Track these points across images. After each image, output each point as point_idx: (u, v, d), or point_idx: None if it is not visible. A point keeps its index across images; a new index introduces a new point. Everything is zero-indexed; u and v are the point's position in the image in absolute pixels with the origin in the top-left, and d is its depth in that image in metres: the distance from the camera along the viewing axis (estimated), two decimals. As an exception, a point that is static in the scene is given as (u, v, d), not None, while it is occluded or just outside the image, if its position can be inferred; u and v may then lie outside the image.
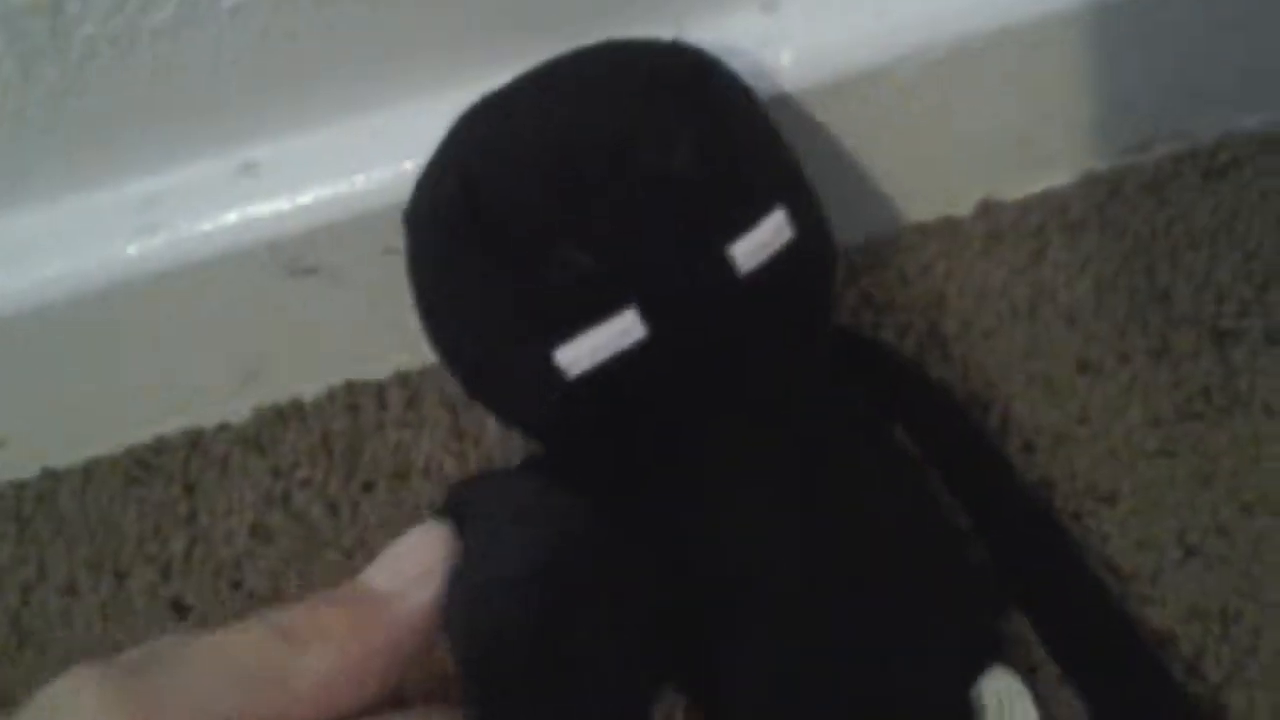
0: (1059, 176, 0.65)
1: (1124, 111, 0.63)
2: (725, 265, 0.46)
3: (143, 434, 0.69)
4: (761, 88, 0.55)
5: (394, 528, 0.63)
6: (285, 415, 0.68)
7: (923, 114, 0.60)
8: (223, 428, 0.68)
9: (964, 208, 0.65)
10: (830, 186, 0.60)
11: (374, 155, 0.57)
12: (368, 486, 0.65)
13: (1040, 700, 0.50)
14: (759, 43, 0.57)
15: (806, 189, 0.51)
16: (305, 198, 0.58)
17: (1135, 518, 0.57)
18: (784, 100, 0.57)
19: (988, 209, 0.64)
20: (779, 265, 0.47)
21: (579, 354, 0.46)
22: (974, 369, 0.61)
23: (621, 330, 0.46)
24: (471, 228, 0.47)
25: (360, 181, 0.57)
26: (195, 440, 0.68)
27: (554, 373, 0.46)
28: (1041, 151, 0.64)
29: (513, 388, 0.50)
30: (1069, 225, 0.63)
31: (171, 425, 0.68)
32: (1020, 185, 0.65)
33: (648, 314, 0.46)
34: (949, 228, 0.65)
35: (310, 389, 0.68)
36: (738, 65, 0.53)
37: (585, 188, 0.46)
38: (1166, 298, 0.61)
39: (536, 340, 0.46)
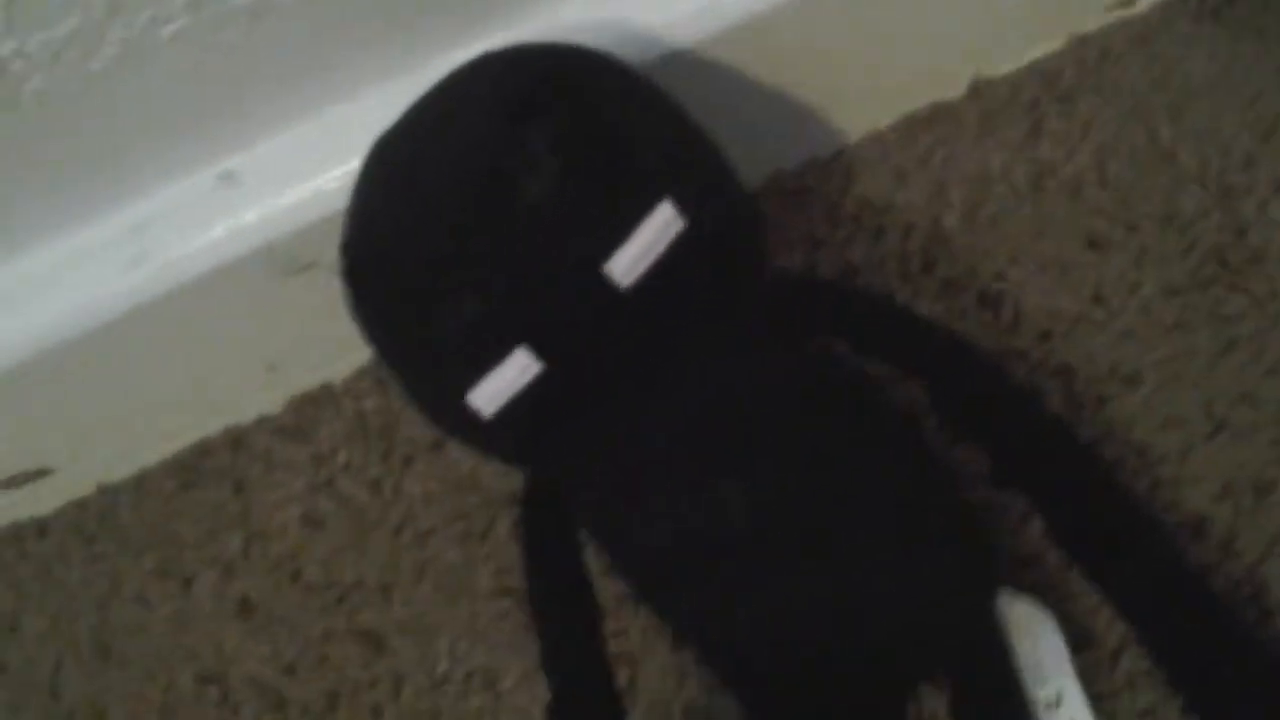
0: (1048, 44, 0.62)
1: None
2: (606, 284, 0.46)
3: (187, 439, 0.70)
4: (711, 20, 0.54)
5: (438, 501, 0.64)
6: (318, 401, 0.68)
7: (892, 8, 0.58)
8: (261, 421, 0.69)
9: (955, 90, 0.63)
10: (810, 97, 0.59)
11: (344, 147, 0.57)
12: (407, 461, 0.66)
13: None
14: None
15: (703, 167, 0.50)
16: (287, 199, 0.58)
17: (1159, 395, 0.56)
18: (737, 27, 0.55)
19: (979, 89, 0.63)
20: (678, 254, 0.47)
21: (488, 395, 0.47)
22: (982, 260, 0.60)
23: (518, 369, 0.46)
24: (359, 292, 0.49)
25: (334, 176, 0.57)
26: (237, 438, 0.69)
27: (473, 413, 0.47)
28: (1027, 20, 0.61)
29: (448, 427, 0.51)
30: (1063, 94, 0.61)
31: (212, 426, 0.70)
32: (1010, 59, 0.63)
33: (540, 348, 0.46)
34: (942, 113, 0.63)
35: (338, 370, 0.68)
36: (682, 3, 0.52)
37: (464, 228, 0.46)
38: (1170, 158, 0.59)
39: (448, 387, 0.48)
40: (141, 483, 0.70)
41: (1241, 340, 0.55)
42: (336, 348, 0.66)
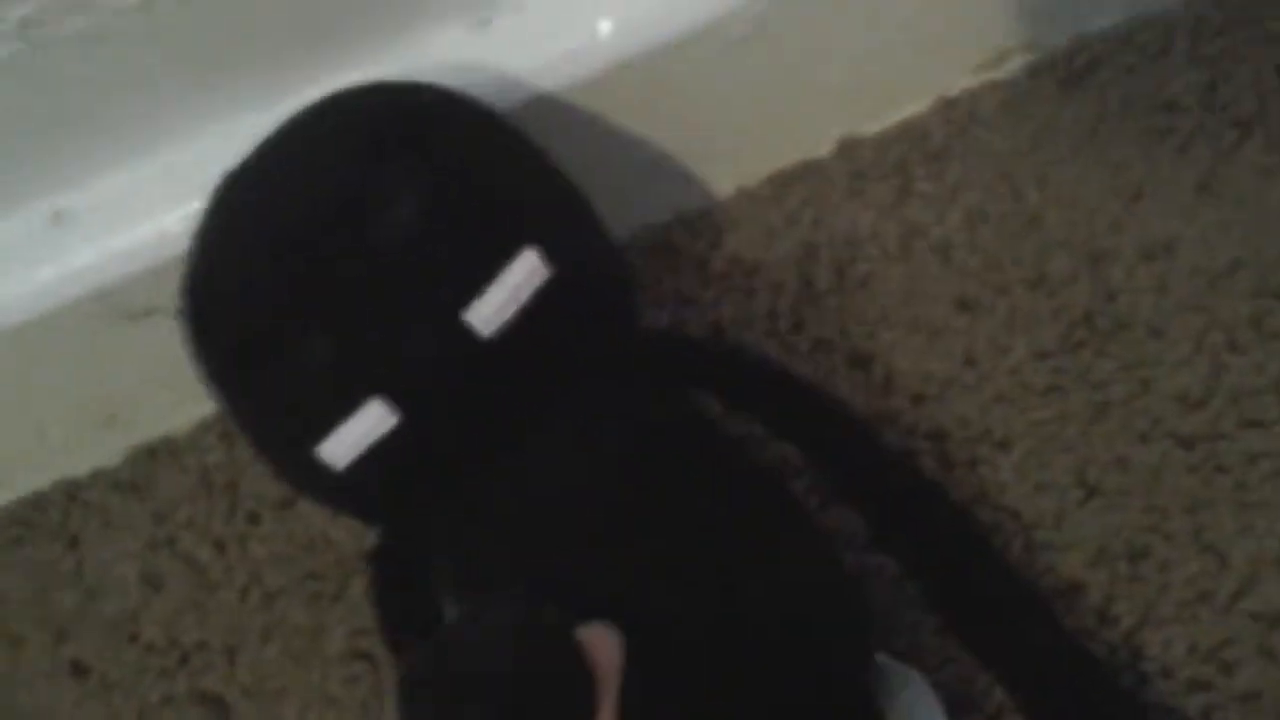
0: (916, 104, 0.62)
1: (972, 28, 0.60)
2: (464, 333, 0.44)
3: (18, 490, 0.66)
4: (581, 65, 0.53)
5: (285, 560, 0.62)
6: (158, 454, 0.66)
7: (762, 62, 0.57)
8: (97, 474, 0.66)
9: (825, 148, 0.63)
10: (679, 149, 0.58)
11: (185, 189, 0.54)
12: (253, 519, 0.63)
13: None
14: (574, 14, 0.54)
15: (569, 216, 0.49)
16: (122, 242, 0.55)
17: (1032, 460, 0.55)
18: (606, 74, 0.54)
19: (848, 147, 0.62)
20: (542, 304, 0.45)
21: (339, 448, 0.44)
22: (853, 321, 0.59)
23: (373, 421, 0.44)
24: (202, 337, 0.46)
25: (175, 218, 0.54)
26: (72, 492, 0.66)
27: (324, 466, 0.45)
28: (896, 80, 0.61)
29: (297, 481, 0.49)
30: (931, 155, 0.61)
31: (45, 479, 0.66)
32: (879, 118, 0.62)
33: (396, 398, 0.44)
34: (811, 171, 0.62)
35: (181, 423, 0.65)
36: (550, 47, 0.51)
37: (315, 270, 0.44)
38: (1038, 222, 0.59)
39: (297, 439, 0.45)
40: (-34, 538, 0.66)
41: (1113, 405, 0.55)
42: (179, 399, 0.64)
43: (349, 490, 0.47)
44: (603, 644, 0.41)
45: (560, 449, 0.47)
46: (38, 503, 0.66)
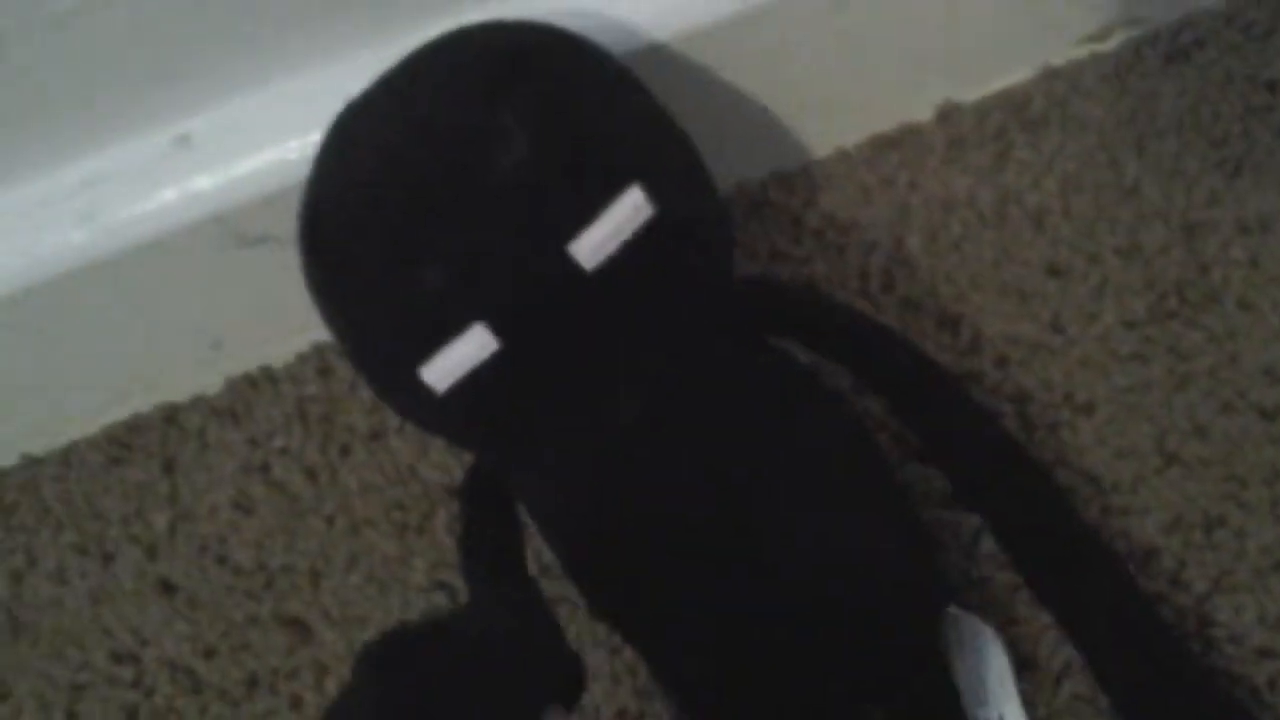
0: (1018, 73, 0.63)
1: (1081, 1, 0.60)
2: (569, 264, 0.45)
3: (119, 413, 0.68)
4: (690, 15, 0.54)
5: (374, 491, 0.63)
6: (257, 383, 0.67)
7: (864, 23, 0.58)
8: (196, 400, 0.67)
9: (923, 113, 0.63)
10: (780, 106, 0.59)
11: (306, 119, 0.55)
12: (345, 450, 0.64)
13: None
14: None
15: (675, 157, 0.49)
16: (243, 168, 0.57)
17: (1113, 426, 0.56)
18: (716, 26, 0.55)
19: (947, 113, 0.62)
20: (645, 243, 0.46)
21: (441, 371, 0.46)
22: (943, 283, 0.59)
23: (476, 346, 0.45)
24: (318, 258, 0.48)
25: (295, 147, 0.56)
26: (170, 415, 0.67)
27: (425, 389, 0.46)
28: (998, 48, 0.61)
29: (397, 403, 0.50)
30: (1031, 123, 0.61)
31: (146, 402, 0.68)
32: (979, 85, 0.63)
33: (498, 326, 0.45)
34: (910, 136, 0.63)
35: (280, 354, 0.67)
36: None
37: (429, 198, 0.45)
38: (1134, 192, 0.59)
39: (400, 361, 0.46)
40: (68, 455, 0.68)
41: (1196, 376, 0.55)
42: (281, 330, 0.65)
43: (445, 413, 0.48)
44: None
45: (649, 384, 0.48)
46: (137, 425, 0.68)
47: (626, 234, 0.45)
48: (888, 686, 0.50)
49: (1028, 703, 0.51)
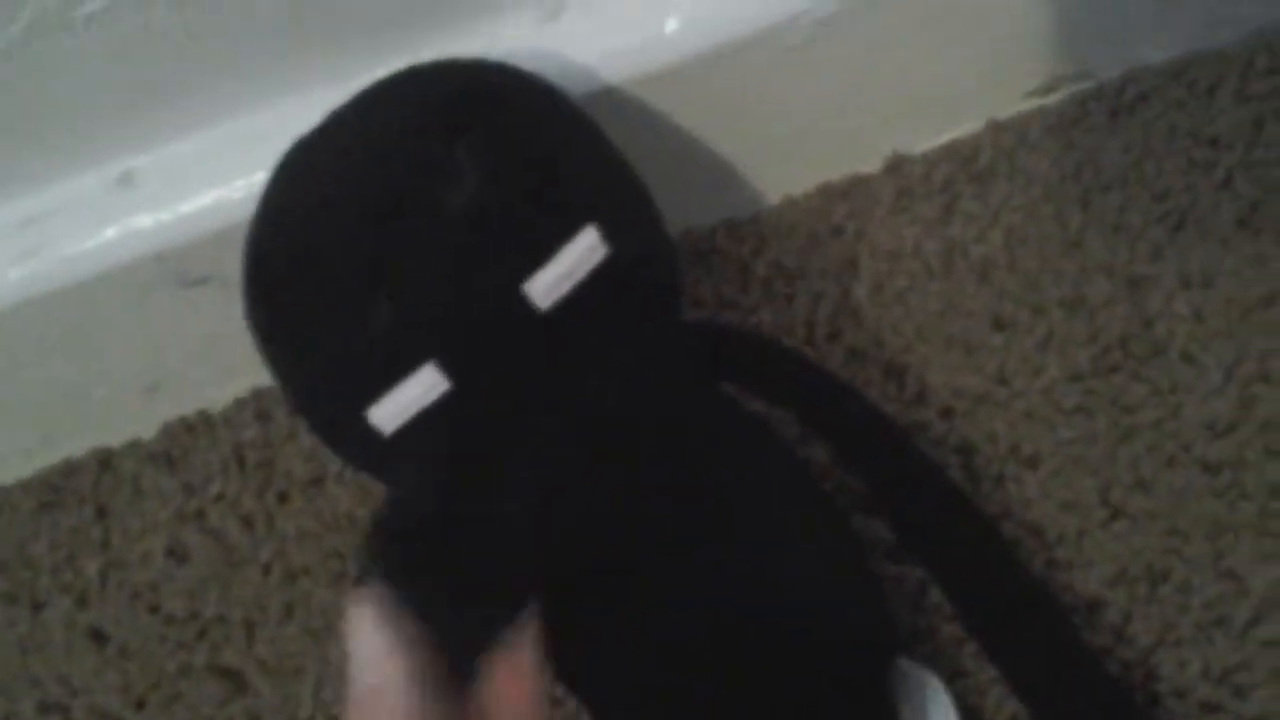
0: (966, 125, 0.63)
1: (1027, 54, 0.61)
2: (523, 304, 0.44)
3: (51, 457, 0.67)
4: (646, 60, 0.54)
5: (311, 539, 0.62)
6: (194, 428, 0.66)
7: (819, 71, 0.58)
8: (131, 445, 0.66)
9: (872, 164, 0.63)
10: (731, 154, 0.59)
11: (252, 159, 0.55)
12: (282, 497, 0.64)
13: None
14: (643, 10, 0.55)
15: (628, 198, 0.49)
16: (186, 207, 0.56)
17: (1058, 479, 0.56)
18: (669, 71, 0.55)
19: (896, 164, 0.63)
20: (596, 284, 0.45)
21: (389, 413, 0.45)
22: (889, 333, 0.59)
23: (426, 386, 0.44)
24: (262, 298, 0.47)
25: (241, 186, 0.55)
26: (104, 460, 0.66)
27: (371, 431, 0.45)
28: (947, 101, 0.62)
29: (340, 446, 0.49)
30: (978, 176, 0.61)
31: (80, 446, 0.67)
32: (928, 137, 0.63)
33: (449, 366, 0.44)
34: (858, 186, 0.63)
35: (218, 398, 0.66)
36: (616, 41, 0.52)
37: (380, 235, 0.44)
38: (1079, 245, 0.59)
39: (346, 403, 0.46)
40: (-1, 500, 0.66)
41: (1140, 429, 0.55)
42: (219, 374, 0.64)
43: (392, 455, 0.47)
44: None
45: (601, 434, 0.48)
46: (70, 469, 0.67)
47: (581, 274, 0.45)
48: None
49: (972, 757, 0.50)
